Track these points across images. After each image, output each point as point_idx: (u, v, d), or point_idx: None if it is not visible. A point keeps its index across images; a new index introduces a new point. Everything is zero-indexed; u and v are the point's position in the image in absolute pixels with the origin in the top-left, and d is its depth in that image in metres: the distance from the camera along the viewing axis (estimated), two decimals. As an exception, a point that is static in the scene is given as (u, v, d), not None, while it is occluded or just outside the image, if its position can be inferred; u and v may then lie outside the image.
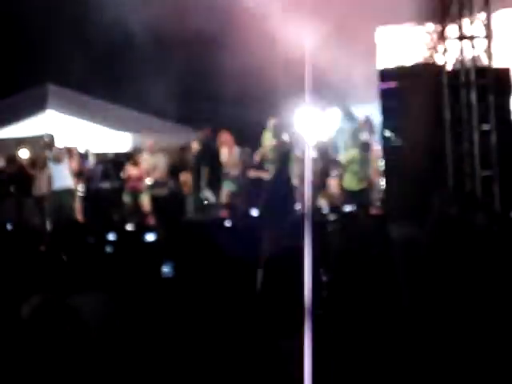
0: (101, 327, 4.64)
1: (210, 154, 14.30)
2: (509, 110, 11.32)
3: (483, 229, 6.44)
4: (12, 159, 14.57)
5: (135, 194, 14.32)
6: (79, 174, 14.22)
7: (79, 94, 16.82)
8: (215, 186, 14.34)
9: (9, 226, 9.87)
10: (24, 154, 14.64)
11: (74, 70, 15.78)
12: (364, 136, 14.71)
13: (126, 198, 14.30)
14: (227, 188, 14.10)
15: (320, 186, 14.17)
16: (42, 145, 13.76)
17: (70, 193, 13.42)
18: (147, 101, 15.61)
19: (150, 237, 8.05)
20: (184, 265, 5.53)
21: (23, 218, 13.33)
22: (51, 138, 13.65)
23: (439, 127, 10.96)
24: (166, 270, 5.75)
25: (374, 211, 12.99)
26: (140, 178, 14.42)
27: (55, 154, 13.54)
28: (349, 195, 13.89)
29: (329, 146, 15.09)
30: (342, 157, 14.51)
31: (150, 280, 5.82)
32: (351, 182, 14.02)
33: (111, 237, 7.83)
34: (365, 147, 14.20)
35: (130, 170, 14.34)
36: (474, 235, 5.97)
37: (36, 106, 16.58)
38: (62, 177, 13.45)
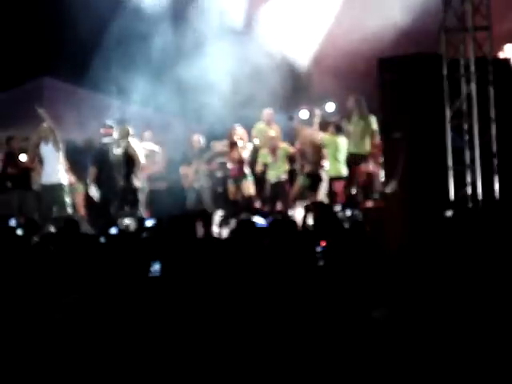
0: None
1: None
2: (509, 102, 11.25)
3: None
4: (14, 161, 14.55)
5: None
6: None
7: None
8: None
9: (12, 222, 9.84)
10: (23, 158, 14.64)
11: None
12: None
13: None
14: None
15: None
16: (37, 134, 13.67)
17: (60, 187, 13.31)
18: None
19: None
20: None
21: (23, 212, 13.28)
22: (46, 128, 13.50)
23: (439, 119, 10.90)
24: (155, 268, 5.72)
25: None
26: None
27: (42, 131, 13.40)
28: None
29: None
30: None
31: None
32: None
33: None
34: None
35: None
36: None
37: (32, 100, 16.54)
38: (51, 171, 13.34)
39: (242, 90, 14.69)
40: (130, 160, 13.96)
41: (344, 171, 13.83)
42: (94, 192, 13.95)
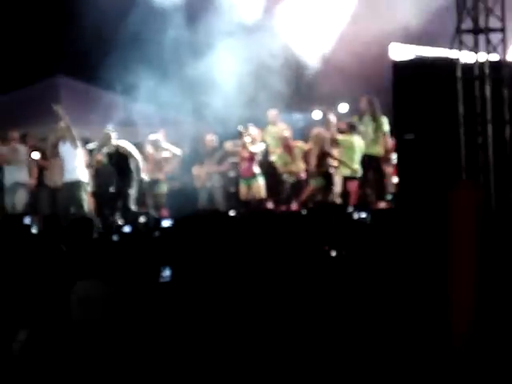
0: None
1: None
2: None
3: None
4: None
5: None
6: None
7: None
8: None
9: (27, 220, 9.89)
10: (35, 156, 14.68)
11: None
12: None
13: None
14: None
15: None
16: (55, 134, 13.76)
17: (78, 185, 13.37)
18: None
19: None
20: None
21: (37, 209, 13.32)
22: (63, 127, 13.58)
23: (453, 121, 10.91)
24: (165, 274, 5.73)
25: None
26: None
27: (59, 130, 13.48)
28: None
29: None
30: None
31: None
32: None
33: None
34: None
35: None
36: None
37: (48, 97, 16.60)
38: (71, 169, 13.43)
39: (251, 89, 14.70)
40: (123, 161, 13.91)
41: (358, 171, 13.84)
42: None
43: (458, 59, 11.04)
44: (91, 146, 14.36)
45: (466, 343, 5.19)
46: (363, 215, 8.50)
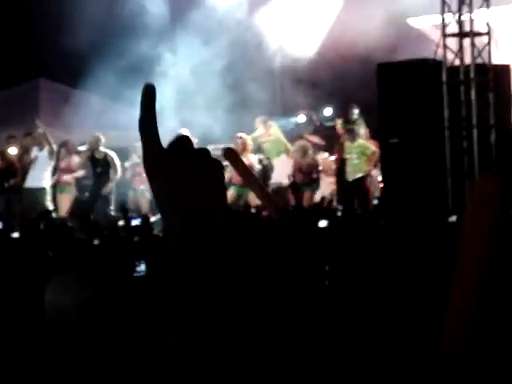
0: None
1: None
2: (509, 108, 11.20)
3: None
4: (1, 155, 14.42)
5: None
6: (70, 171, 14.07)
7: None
8: None
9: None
10: (13, 151, 14.54)
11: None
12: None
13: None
14: None
15: None
16: (31, 139, 13.66)
17: (43, 192, 13.36)
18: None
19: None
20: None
21: (11, 214, 13.14)
22: (42, 133, 13.50)
23: (438, 125, 10.83)
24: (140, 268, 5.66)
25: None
26: None
27: (36, 137, 13.42)
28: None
29: None
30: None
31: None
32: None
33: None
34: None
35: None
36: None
37: (27, 100, 16.48)
38: (39, 176, 13.39)
39: (237, 92, 14.58)
40: (106, 168, 13.86)
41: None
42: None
43: (443, 63, 10.98)
44: (82, 148, 14.24)
45: (460, 350, 5.11)
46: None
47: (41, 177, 13.42)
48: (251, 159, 13.63)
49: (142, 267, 5.59)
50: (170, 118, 14.57)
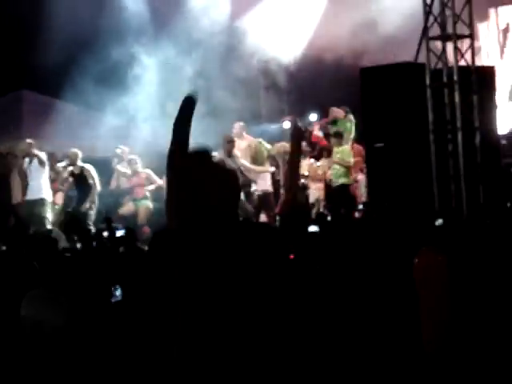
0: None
1: None
2: (493, 110, 11.19)
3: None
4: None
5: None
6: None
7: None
8: None
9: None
10: None
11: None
12: None
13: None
14: None
15: None
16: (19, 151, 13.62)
17: (42, 203, 13.31)
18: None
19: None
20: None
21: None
22: (29, 144, 13.46)
23: (423, 128, 10.80)
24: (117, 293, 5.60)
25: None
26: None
27: (23, 148, 13.39)
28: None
29: None
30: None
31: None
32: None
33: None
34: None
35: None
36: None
37: (11, 111, 16.42)
38: (36, 187, 13.37)
39: (219, 99, 14.49)
40: (85, 183, 13.80)
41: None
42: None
43: (426, 66, 10.94)
44: (62, 164, 14.20)
45: (437, 348, 5.13)
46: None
47: (39, 187, 13.41)
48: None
49: (118, 292, 5.52)
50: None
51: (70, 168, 13.87)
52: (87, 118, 15.79)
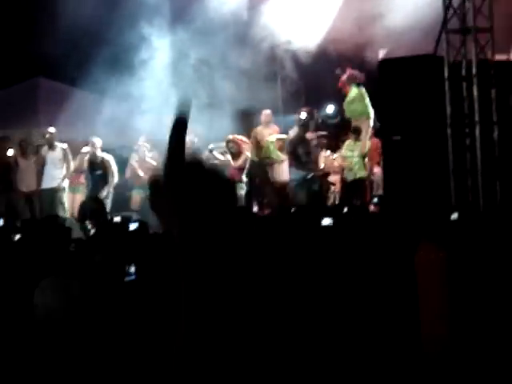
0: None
1: None
2: (511, 104, 11.07)
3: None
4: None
5: None
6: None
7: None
8: None
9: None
10: (10, 152, 14.51)
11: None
12: None
13: None
14: None
15: None
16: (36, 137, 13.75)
17: (58, 191, 13.42)
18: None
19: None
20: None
21: (13, 214, 13.10)
22: (52, 134, 13.60)
23: (440, 121, 10.70)
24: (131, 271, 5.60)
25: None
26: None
27: (48, 138, 13.53)
28: None
29: None
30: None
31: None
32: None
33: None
34: None
35: None
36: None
37: (26, 99, 16.45)
38: (53, 176, 13.46)
39: (244, 90, 14.42)
40: (103, 172, 13.86)
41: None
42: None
43: (445, 59, 10.84)
44: (84, 150, 14.26)
45: (437, 348, 5.09)
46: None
47: (56, 176, 13.52)
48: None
49: (132, 270, 5.51)
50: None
51: (90, 156, 13.93)
52: (102, 106, 15.77)
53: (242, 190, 14.02)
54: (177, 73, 14.20)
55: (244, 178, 14.18)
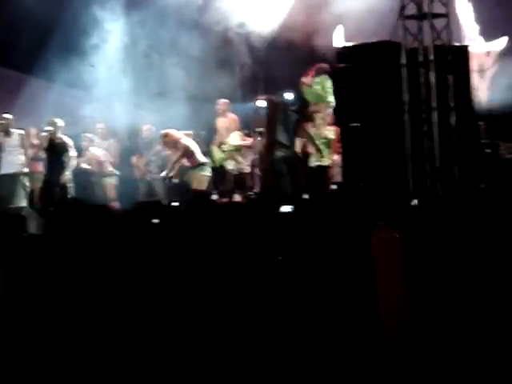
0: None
1: None
2: (468, 89, 11.09)
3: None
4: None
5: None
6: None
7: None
8: None
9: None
10: None
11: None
12: None
13: None
14: None
15: None
16: None
17: (18, 176, 13.29)
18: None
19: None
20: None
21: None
22: (8, 120, 13.43)
23: (398, 108, 10.70)
24: None
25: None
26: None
27: (4, 124, 13.37)
28: None
29: None
30: None
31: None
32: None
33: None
34: None
35: None
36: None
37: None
38: (12, 161, 13.33)
39: (198, 78, 14.32)
40: (63, 155, 13.67)
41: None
42: None
43: (402, 45, 10.83)
44: (44, 132, 14.07)
45: (397, 340, 5.05)
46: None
47: (15, 162, 13.37)
48: None
49: None
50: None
51: (50, 135, 13.71)
52: (56, 94, 15.60)
53: (207, 172, 13.79)
54: (128, 59, 14.09)
55: (204, 160, 13.90)
